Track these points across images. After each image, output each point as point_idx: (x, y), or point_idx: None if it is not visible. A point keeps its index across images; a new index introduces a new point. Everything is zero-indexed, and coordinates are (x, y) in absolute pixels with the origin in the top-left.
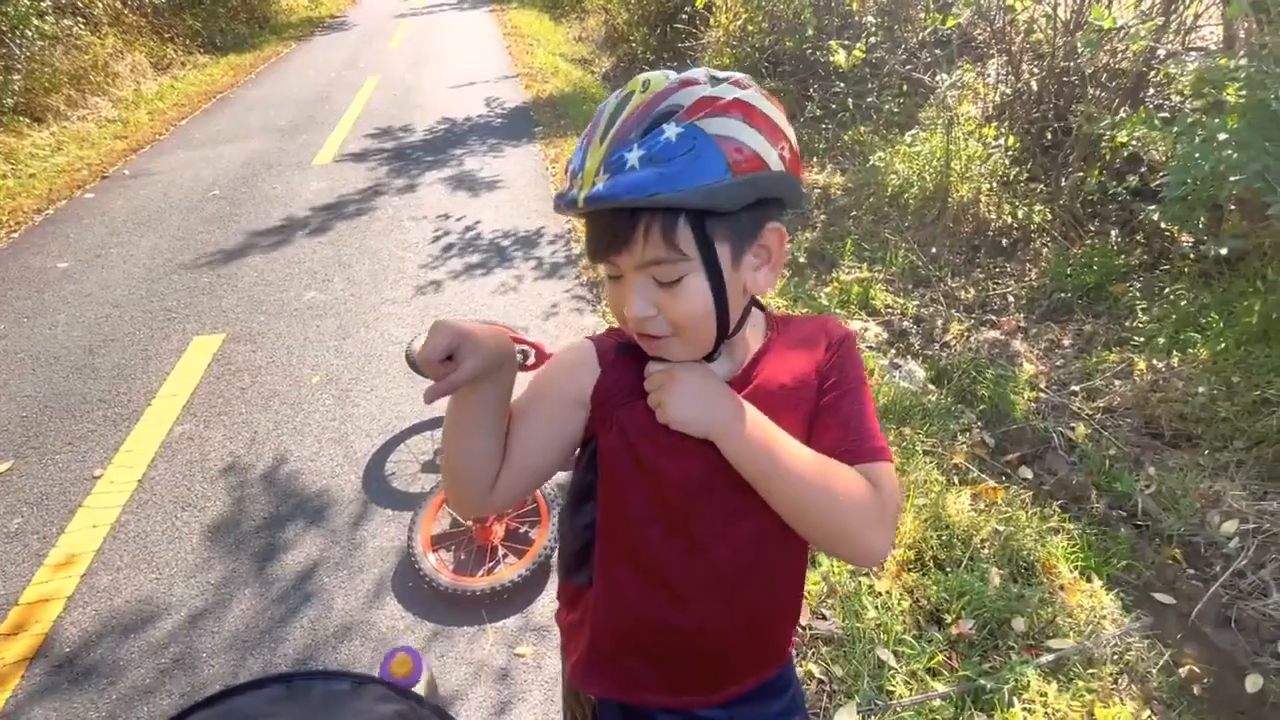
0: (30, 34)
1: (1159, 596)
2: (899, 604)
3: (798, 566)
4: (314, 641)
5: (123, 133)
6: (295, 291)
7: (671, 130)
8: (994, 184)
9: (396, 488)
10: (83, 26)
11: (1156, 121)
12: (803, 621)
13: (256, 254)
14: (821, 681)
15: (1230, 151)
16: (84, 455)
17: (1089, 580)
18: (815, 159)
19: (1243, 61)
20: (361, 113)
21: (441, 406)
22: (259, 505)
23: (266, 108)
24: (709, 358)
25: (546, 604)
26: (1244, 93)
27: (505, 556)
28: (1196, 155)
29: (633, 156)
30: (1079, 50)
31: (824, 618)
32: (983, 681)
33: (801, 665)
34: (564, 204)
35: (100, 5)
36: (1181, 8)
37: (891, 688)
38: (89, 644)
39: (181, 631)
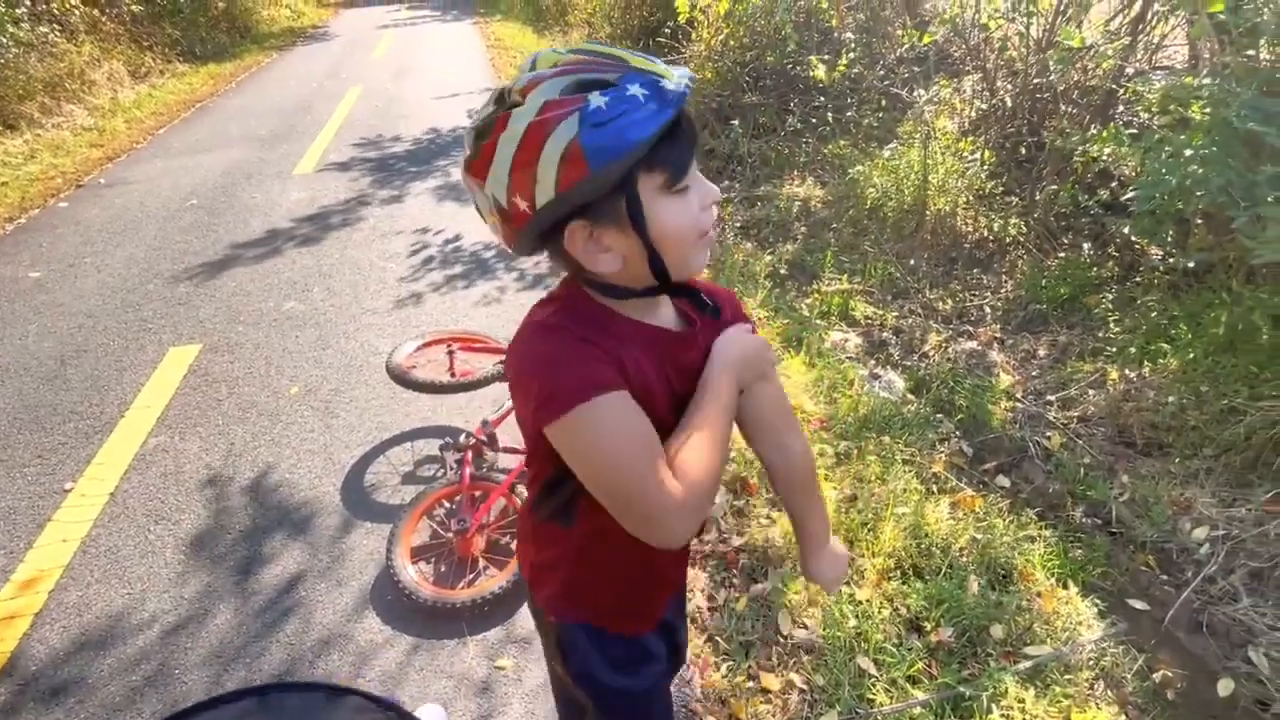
0: (4, 40)
1: (1133, 602)
2: (879, 612)
3: None
4: (292, 656)
5: (99, 141)
6: (274, 302)
7: None
8: (970, 197)
9: (376, 499)
10: (59, 34)
11: (1125, 138)
12: (783, 630)
13: (235, 264)
14: (803, 691)
15: (1196, 167)
16: (54, 468)
17: (1065, 587)
18: (796, 172)
19: (1206, 81)
20: (343, 123)
21: (420, 418)
22: (235, 518)
23: (246, 117)
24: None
25: (528, 616)
26: (1208, 111)
27: (486, 568)
28: (1164, 171)
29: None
30: (1050, 68)
31: (805, 627)
32: (962, 689)
33: (782, 675)
34: (675, 97)
35: (77, 13)
36: (1147, 28)
37: (872, 696)
38: (57, 662)
39: (155, 647)
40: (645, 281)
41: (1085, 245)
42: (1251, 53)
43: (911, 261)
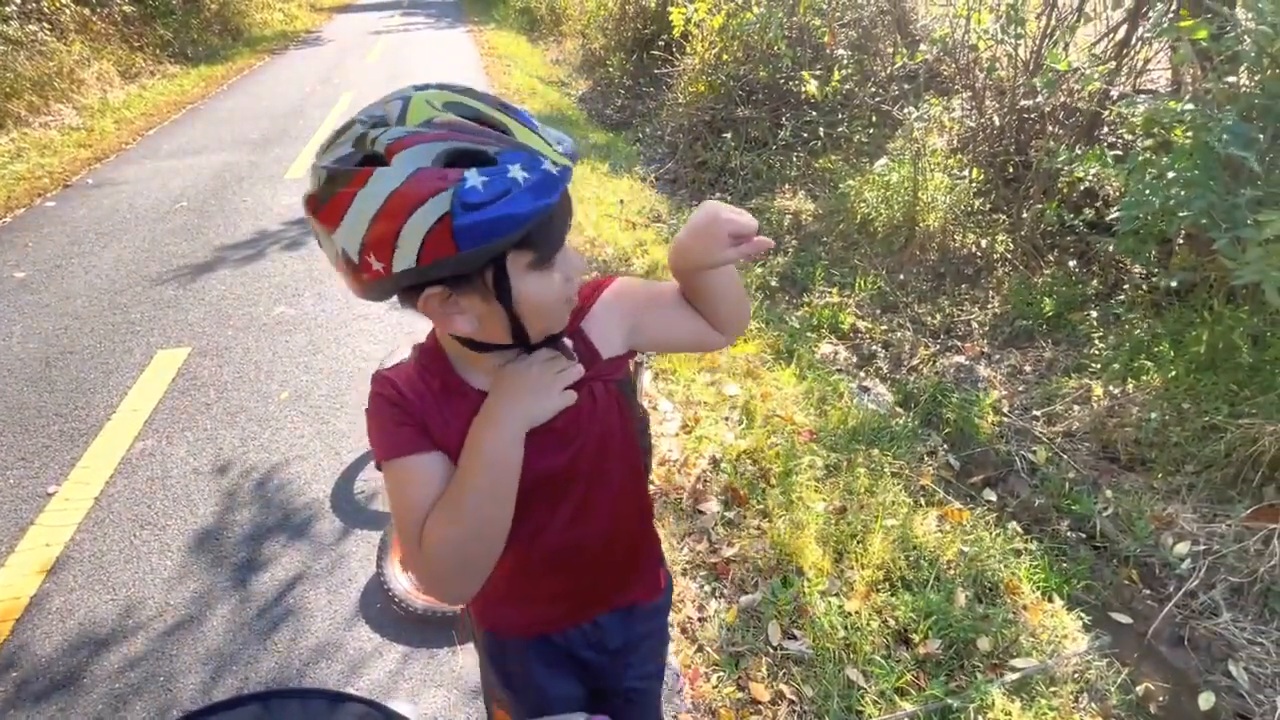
0: None
1: (1117, 616)
2: (868, 624)
3: (645, 503)
4: (281, 664)
5: (87, 141)
6: (264, 306)
7: None
8: (959, 214)
9: (368, 507)
10: (49, 32)
11: (1110, 159)
12: (773, 641)
13: (225, 267)
14: (792, 702)
15: (1178, 189)
16: (37, 471)
17: (1050, 600)
18: (787, 186)
19: (1189, 105)
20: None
21: None
22: (223, 524)
23: (238, 120)
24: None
25: None
26: (1190, 135)
27: None
28: (1147, 191)
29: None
30: (1038, 89)
31: (795, 638)
32: (949, 700)
33: (772, 686)
34: (557, 181)
35: (68, 12)
36: (1132, 53)
37: (861, 708)
38: (39, 669)
39: (140, 654)
40: (505, 340)
41: (1071, 263)
42: (1232, 79)
43: (900, 276)
